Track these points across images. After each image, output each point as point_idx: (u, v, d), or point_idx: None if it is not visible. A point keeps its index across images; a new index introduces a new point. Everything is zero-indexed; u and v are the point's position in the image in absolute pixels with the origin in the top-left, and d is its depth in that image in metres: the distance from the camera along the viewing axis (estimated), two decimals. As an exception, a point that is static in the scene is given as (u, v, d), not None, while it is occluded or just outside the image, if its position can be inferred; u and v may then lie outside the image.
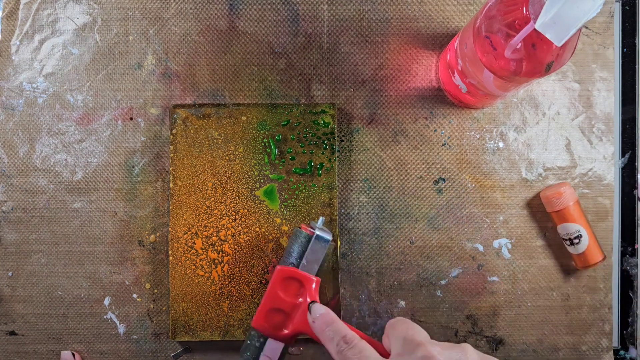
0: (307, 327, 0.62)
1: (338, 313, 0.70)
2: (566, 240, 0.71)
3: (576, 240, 0.70)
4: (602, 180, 0.74)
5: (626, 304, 0.75)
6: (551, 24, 0.49)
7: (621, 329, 0.74)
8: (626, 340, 0.74)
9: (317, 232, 0.66)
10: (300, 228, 0.67)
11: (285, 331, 0.64)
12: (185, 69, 0.73)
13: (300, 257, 0.66)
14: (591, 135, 0.74)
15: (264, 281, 0.70)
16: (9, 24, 0.73)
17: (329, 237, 0.66)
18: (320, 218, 0.68)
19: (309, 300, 0.63)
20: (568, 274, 0.73)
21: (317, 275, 0.65)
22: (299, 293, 0.64)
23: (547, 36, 0.50)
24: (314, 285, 0.64)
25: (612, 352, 0.73)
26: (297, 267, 0.65)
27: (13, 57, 0.73)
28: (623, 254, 0.75)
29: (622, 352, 0.74)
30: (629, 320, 0.74)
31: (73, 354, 0.71)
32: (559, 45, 0.50)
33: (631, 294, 0.75)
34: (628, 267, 0.75)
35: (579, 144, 0.74)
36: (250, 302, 0.70)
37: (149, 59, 0.73)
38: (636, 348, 0.74)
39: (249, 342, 0.65)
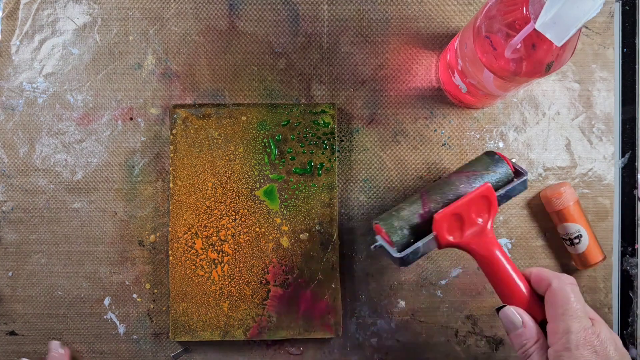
0: (471, 245, 0.62)
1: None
2: (566, 240, 0.71)
3: (576, 240, 0.70)
4: (602, 181, 0.74)
5: (626, 304, 0.75)
6: (551, 23, 0.49)
7: (621, 329, 0.74)
8: (626, 340, 0.74)
9: (526, 177, 0.66)
10: (503, 160, 0.66)
11: (450, 238, 0.63)
12: (185, 69, 0.73)
13: (499, 186, 0.66)
14: (591, 135, 0.74)
15: (264, 281, 0.70)
16: (9, 24, 0.73)
17: (526, 186, 0.67)
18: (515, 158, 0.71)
19: (488, 226, 0.63)
20: (568, 274, 0.73)
21: None
22: (482, 215, 0.63)
23: (547, 36, 0.49)
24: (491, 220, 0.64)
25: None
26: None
27: (13, 57, 0.73)
28: (623, 254, 0.75)
29: (622, 352, 0.74)
30: (629, 320, 0.74)
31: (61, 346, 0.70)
32: (559, 45, 0.50)
33: (631, 294, 0.75)
34: (628, 267, 0.75)
35: (579, 144, 0.74)
36: (250, 302, 0.70)
37: (149, 59, 0.73)
38: (636, 348, 0.74)
39: (409, 222, 0.64)
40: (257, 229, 0.71)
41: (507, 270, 0.61)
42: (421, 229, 0.64)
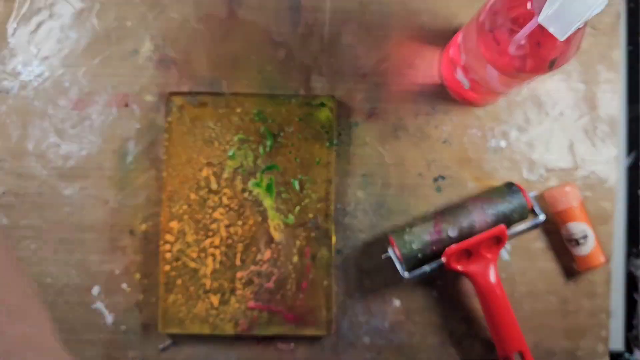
0: (475, 275, 0.68)
1: None
2: (571, 241, 0.70)
3: (582, 241, 0.69)
4: (604, 183, 0.73)
5: (631, 306, 0.74)
6: (554, 17, 0.48)
7: (626, 331, 0.74)
8: (631, 342, 0.74)
9: (541, 219, 0.69)
10: (521, 192, 0.69)
11: (458, 267, 0.67)
12: (183, 56, 0.72)
13: (512, 218, 0.69)
14: (594, 137, 0.73)
15: (256, 275, 0.69)
16: (7, 6, 0.72)
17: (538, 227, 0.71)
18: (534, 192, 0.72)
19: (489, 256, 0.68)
20: (567, 278, 0.73)
21: None
22: (491, 250, 0.68)
23: (550, 30, 0.49)
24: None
25: (607, 357, 0.72)
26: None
27: (9, 40, 0.72)
28: (628, 255, 0.74)
29: (626, 354, 0.73)
30: (634, 322, 0.74)
31: None
32: (562, 39, 0.49)
33: (636, 296, 0.74)
34: (633, 269, 0.74)
35: (581, 146, 0.73)
36: (242, 295, 0.69)
37: (146, 45, 0.72)
38: (641, 350, 0.73)
39: (419, 239, 0.68)
40: (251, 222, 0.70)
41: (502, 302, 0.67)
42: (430, 247, 0.68)
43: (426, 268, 0.68)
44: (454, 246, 0.66)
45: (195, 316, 0.69)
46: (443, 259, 0.67)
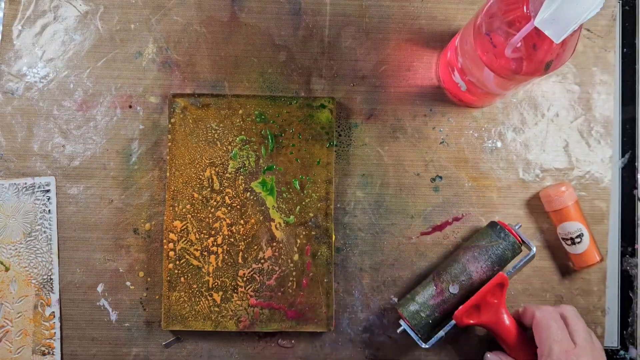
0: (488, 323, 0.67)
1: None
2: (567, 239, 0.71)
3: (578, 240, 0.70)
4: (599, 183, 0.74)
5: (626, 304, 0.74)
6: (550, 20, 0.49)
7: (621, 329, 0.74)
8: (626, 340, 0.74)
9: (534, 251, 0.69)
10: (506, 230, 0.69)
11: (470, 321, 0.68)
12: (186, 58, 0.73)
13: (506, 257, 0.69)
14: (589, 137, 0.74)
15: (257, 273, 0.70)
16: (12, 9, 0.73)
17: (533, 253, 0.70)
18: (519, 224, 0.71)
19: (495, 301, 0.68)
20: (562, 276, 0.73)
21: None
22: (496, 296, 0.67)
23: (546, 33, 0.49)
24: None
25: (603, 354, 0.73)
26: (507, 274, 0.69)
27: (15, 42, 0.73)
28: (623, 254, 0.75)
29: (622, 352, 0.74)
30: (629, 320, 0.74)
31: None
32: (557, 42, 0.50)
33: (631, 294, 0.74)
34: (628, 267, 0.75)
35: (577, 146, 0.74)
36: (243, 293, 0.70)
37: (149, 48, 0.73)
38: (636, 348, 0.74)
39: (425, 306, 0.68)
40: (253, 221, 0.71)
41: (521, 338, 0.67)
42: (437, 309, 0.68)
43: (442, 333, 0.68)
44: (461, 307, 0.67)
45: (198, 313, 0.70)
46: (454, 321, 0.68)
